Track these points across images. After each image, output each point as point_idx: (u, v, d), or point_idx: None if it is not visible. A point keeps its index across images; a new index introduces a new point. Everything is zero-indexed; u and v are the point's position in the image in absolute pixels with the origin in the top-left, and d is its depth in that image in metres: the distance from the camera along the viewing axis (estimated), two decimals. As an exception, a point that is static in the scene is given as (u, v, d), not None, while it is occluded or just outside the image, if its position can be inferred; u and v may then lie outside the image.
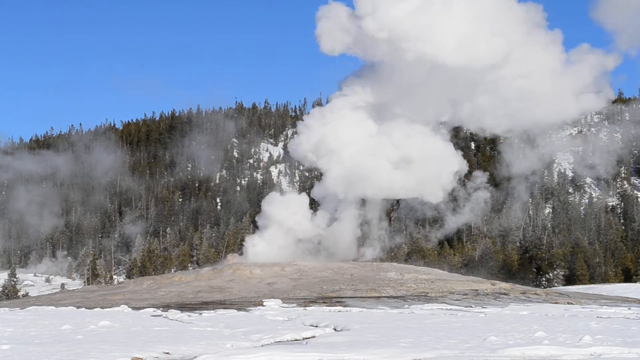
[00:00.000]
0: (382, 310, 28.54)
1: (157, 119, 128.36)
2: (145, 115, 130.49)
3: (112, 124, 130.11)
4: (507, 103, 53.41)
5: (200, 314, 26.87)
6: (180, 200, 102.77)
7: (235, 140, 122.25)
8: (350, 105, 52.30)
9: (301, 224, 51.44)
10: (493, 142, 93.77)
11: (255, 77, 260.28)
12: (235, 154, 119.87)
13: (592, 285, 56.11)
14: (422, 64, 48.66)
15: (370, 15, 49.23)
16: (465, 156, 59.96)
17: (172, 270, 67.43)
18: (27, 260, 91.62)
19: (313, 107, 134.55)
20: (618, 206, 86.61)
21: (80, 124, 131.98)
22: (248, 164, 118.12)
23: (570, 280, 61.33)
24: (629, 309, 29.32)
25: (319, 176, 59.84)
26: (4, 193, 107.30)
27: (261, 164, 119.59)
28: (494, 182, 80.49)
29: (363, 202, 54.11)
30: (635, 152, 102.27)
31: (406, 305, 30.89)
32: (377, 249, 57.03)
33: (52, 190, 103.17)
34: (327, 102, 57.59)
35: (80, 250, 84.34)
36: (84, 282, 68.03)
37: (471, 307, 30.90)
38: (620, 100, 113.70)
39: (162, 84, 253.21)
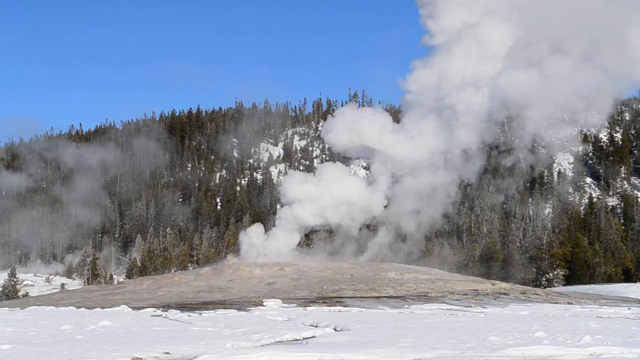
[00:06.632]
0: (382, 310, 28.50)
1: (157, 119, 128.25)
2: (145, 115, 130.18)
3: (112, 124, 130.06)
4: None
5: (200, 314, 26.84)
6: (180, 200, 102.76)
7: (235, 140, 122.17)
8: None
9: None
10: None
11: (255, 77, 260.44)
12: (235, 154, 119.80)
13: (592, 285, 56.06)
14: None
15: None
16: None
17: (172, 270, 67.41)
18: (63, 253, 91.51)
19: (313, 107, 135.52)
20: (618, 206, 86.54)
21: (82, 124, 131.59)
22: (248, 164, 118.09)
23: (570, 280, 61.32)
24: (629, 309, 29.29)
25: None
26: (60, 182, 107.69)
27: (261, 164, 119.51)
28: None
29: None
30: (635, 152, 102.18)
31: (406, 305, 30.84)
32: None
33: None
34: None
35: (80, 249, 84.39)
36: (84, 282, 68.09)
37: (471, 307, 30.86)
38: (620, 100, 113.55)
39: (162, 84, 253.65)
